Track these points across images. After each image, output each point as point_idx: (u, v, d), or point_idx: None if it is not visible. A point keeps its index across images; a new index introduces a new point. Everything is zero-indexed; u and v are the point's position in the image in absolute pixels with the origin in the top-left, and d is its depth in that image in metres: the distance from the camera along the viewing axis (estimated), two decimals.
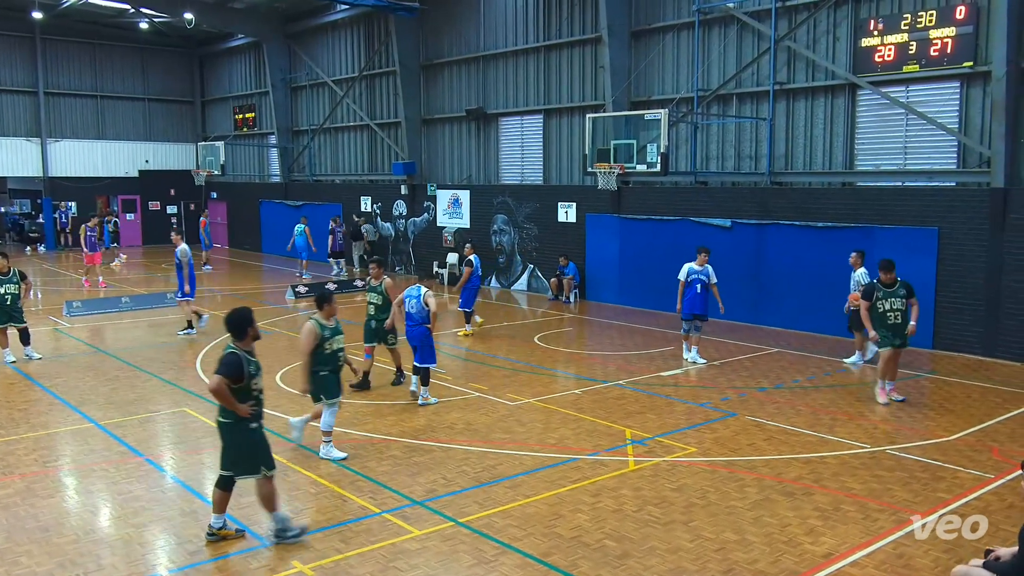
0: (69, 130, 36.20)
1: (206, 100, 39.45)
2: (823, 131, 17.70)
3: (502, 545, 7.30)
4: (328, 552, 7.15)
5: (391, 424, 10.91)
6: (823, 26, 17.49)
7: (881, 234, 16.09)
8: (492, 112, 24.81)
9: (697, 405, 11.92)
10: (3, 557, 7.06)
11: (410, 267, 27.82)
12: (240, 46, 35.93)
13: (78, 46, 36.08)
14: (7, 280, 14.36)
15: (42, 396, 12.40)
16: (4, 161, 34.97)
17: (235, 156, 36.68)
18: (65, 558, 7.06)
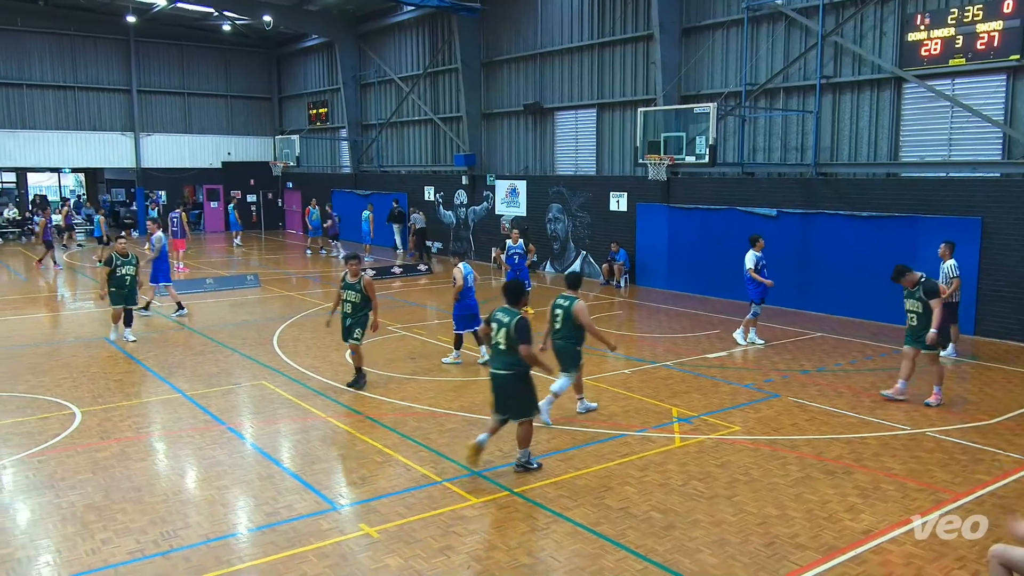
0: (159, 125, 37.08)
1: (283, 97, 40.01)
2: (868, 123, 17.21)
3: (554, 514, 7.32)
4: (392, 516, 7.25)
5: (451, 399, 11.00)
6: (870, 21, 16.97)
7: (925, 223, 15.62)
8: (548, 106, 24.69)
9: (741, 386, 11.76)
10: (102, 513, 7.34)
11: (470, 253, 27.94)
12: (314, 46, 36.32)
13: (167, 47, 36.87)
14: (127, 263, 14.32)
15: (135, 368, 12.79)
16: (102, 154, 36.02)
17: (309, 148, 37.19)
18: (156, 516, 7.30)
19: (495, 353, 8.30)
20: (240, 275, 22.68)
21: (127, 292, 14.29)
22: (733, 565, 6.38)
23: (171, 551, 6.60)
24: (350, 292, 11.27)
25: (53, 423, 9.93)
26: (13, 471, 8.39)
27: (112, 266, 14.14)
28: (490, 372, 8.39)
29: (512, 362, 8.06)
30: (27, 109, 33.78)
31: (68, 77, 34.57)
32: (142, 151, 36.61)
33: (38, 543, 6.79)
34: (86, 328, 16.05)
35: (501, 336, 8.16)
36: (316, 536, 6.89)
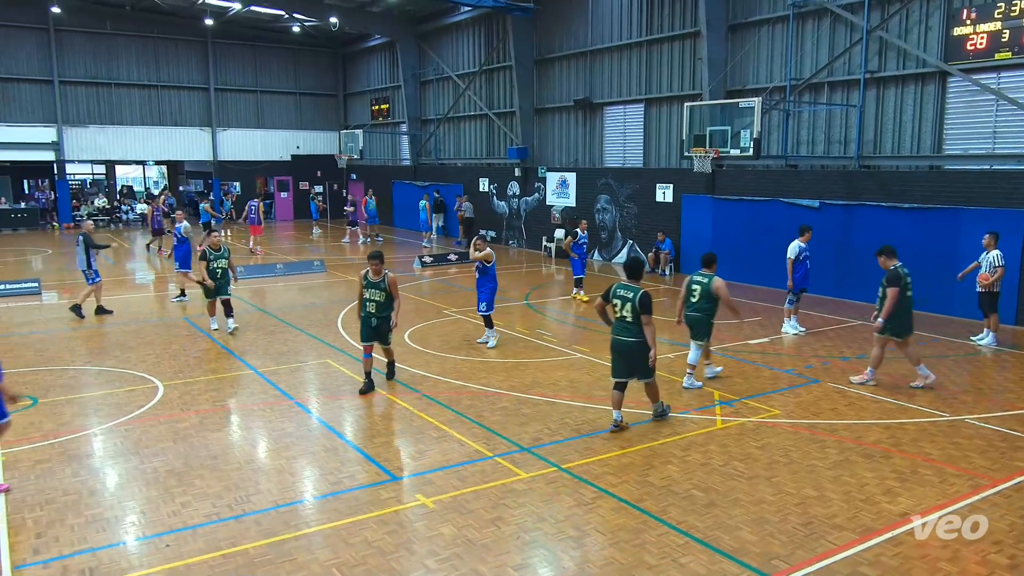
0: (234, 120, 37.82)
1: (347, 94, 40.42)
2: (912, 117, 16.67)
3: (599, 490, 7.31)
4: (447, 488, 7.33)
5: (502, 379, 11.04)
6: (915, 16, 16.40)
7: (968, 215, 15.11)
8: (598, 102, 24.48)
9: (782, 371, 11.57)
10: (182, 479, 7.57)
11: (522, 241, 27.96)
12: (376, 46, 36.58)
13: (241, 48, 37.53)
14: (220, 256, 13.87)
15: (212, 346, 13.12)
16: (182, 147, 36.93)
17: (371, 142, 37.55)
18: (230, 482, 7.50)
19: (621, 325, 8.87)
20: (307, 261, 23.06)
21: (220, 284, 13.90)
22: (771, 543, 6.30)
23: (243, 515, 6.78)
24: (374, 291, 10.31)
25: (138, 395, 10.26)
26: (103, 439, 8.70)
27: (207, 259, 13.80)
28: (615, 340, 8.93)
29: (639, 331, 8.73)
30: (115, 106, 34.78)
31: (152, 77, 35.47)
32: (218, 145, 37.42)
33: (125, 504, 7.04)
34: (168, 309, 16.52)
35: (627, 310, 8.78)
36: (376, 505, 7.00)
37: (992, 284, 12.82)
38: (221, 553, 6.12)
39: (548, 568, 5.97)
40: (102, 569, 5.89)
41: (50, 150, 33.54)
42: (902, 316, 10.47)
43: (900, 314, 10.43)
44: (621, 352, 8.92)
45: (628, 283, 9.04)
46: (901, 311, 10.43)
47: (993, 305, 13.00)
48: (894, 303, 10.29)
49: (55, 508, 6.92)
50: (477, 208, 29.39)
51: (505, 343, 13.19)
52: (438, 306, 16.40)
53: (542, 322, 15.36)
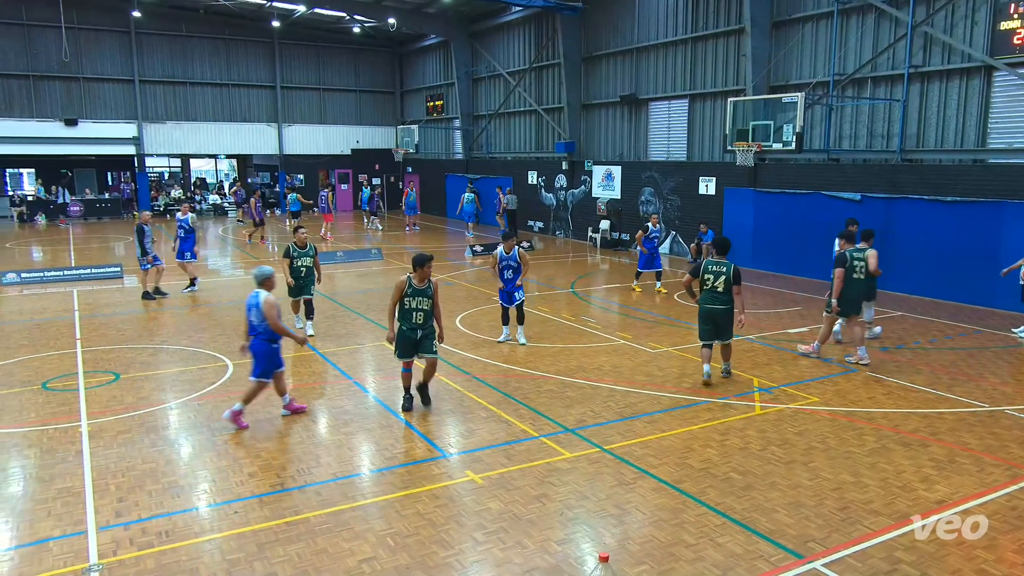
0: (298, 116, 38.38)
1: (404, 91, 40.64)
2: (956, 111, 16.07)
3: (640, 471, 7.28)
4: (495, 466, 7.38)
5: (548, 363, 11.04)
6: (962, 11, 15.78)
7: (1011, 209, 14.54)
8: (643, 97, 24.17)
9: (821, 360, 11.32)
10: (249, 450, 7.77)
11: (568, 232, 27.86)
12: (431, 45, 36.68)
13: (305, 48, 38.01)
14: (304, 254, 12.53)
15: None
16: (250, 142, 37.64)
17: (426, 137, 37.73)
18: (292, 455, 7.68)
19: (712, 295, 9.99)
20: (366, 249, 23.35)
21: (303, 283, 12.54)
22: (808, 526, 6.20)
23: (305, 486, 6.92)
24: (421, 300, 8.71)
25: (210, 373, 10.54)
26: (178, 412, 8.97)
27: (290, 256, 12.50)
28: (707, 309, 10.01)
29: (729, 299, 9.97)
30: (189, 104, 35.60)
31: (223, 75, 36.18)
32: (284, 139, 38.04)
33: (197, 473, 7.26)
34: (239, 292, 16.91)
35: (720, 282, 9.95)
36: (428, 480, 7.08)
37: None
38: (284, 521, 6.27)
39: (590, 544, 5.97)
40: (176, 532, 6.09)
41: (131, 144, 34.53)
42: (847, 296, 10.95)
43: (845, 294, 10.93)
44: (713, 318, 10.03)
45: (718, 259, 10.10)
46: (846, 292, 10.92)
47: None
48: (840, 283, 10.85)
49: (135, 475, 7.17)
50: (526, 201, 29.32)
51: (551, 329, 13.18)
52: (487, 293, 16.46)
53: (587, 309, 15.30)
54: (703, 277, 10.09)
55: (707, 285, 10.05)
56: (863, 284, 11.11)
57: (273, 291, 8.57)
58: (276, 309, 8.41)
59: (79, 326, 13.46)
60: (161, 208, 36.73)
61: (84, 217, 34.25)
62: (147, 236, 15.93)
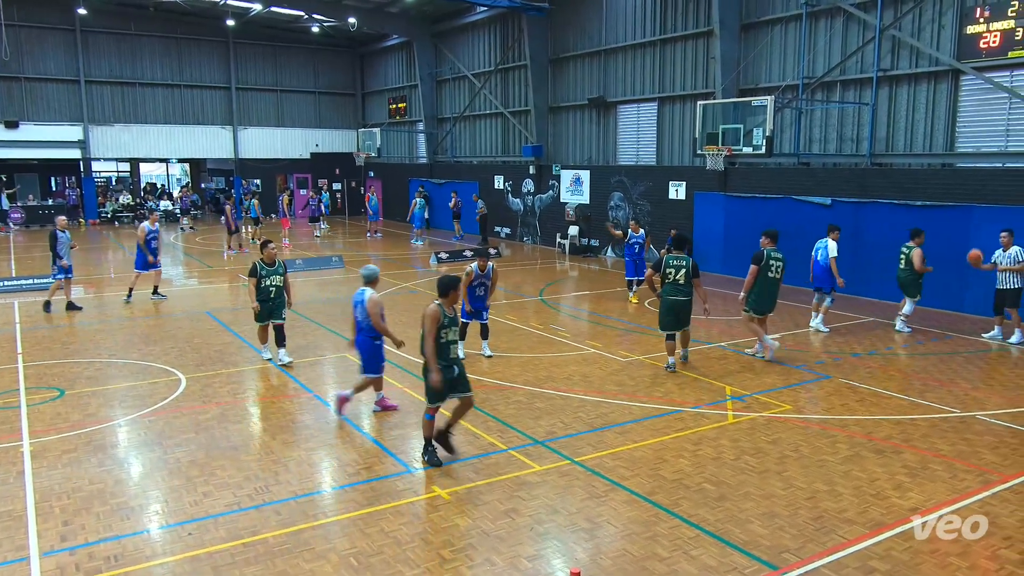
0: (254, 119, 37.99)
1: (365, 92, 40.48)
2: (924, 115, 16.49)
3: (612, 483, 7.31)
4: (462, 480, 7.35)
5: (517, 374, 11.05)
6: (928, 14, 16.21)
7: (980, 213, 14.94)
8: (612, 100, 24.39)
9: (793, 367, 11.49)
10: (203, 469, 7.63)
11: (536, 238, 27.94)
12: (394, 45, 36.61)
13: (262, 48, 37.67)
14: (273, 272, 11.35)
15: (233, 340, 13.21)
16: (204, 145, 37.14)
17: (389, 141, 37.58)
18: (250, 472, 7.56)
19: (674, 287, 11.00)
20: (326, 257, 23.15)
21: (273, 305, 11.38)
22: (782, 536, 6.27)
23: (263, 505, 6.83)
24: (455, 329, 7.71)
25: (162, 387, 10.35)
26: (127, 430, 8.78)
27: (257, 275, 11.26)
28: (671, 300, 11.02)
29: (690, 291, 11.01)
30: (139, 105, 35.03)
31: (175, 76, 35.69)
32: (239, 143, 37.63)
33: (148, 494, 7.11)
34: (191, 302, 16.65)
35: (681, 275, 10.97)
36: (392, 496, 7.03)
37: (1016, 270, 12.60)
38: (242, 542, 6.16)
39: (561, 559, 5.97)
40: (126, 556, 5.96)
41: (76, 148, 33.85)
42: (760, 295, 11.59)
43: (759, 293, 11.57)
44: (675, 309, 11.06)
45: (678, 253, 11.18)
46: (761, 290, 11.56)
47: (1015, 302, 12.78)
48: (751, 279, 11.50)
49: (82, 497, 6.99)
50: (492, 206, 29.32)
51: (519, 338, 13.19)
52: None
53: (556, 317, 15.35)
54: (665, 271, 11.15)
55: (669, 278, 11.10)
56: (777, 284, 11.74)
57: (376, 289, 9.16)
58: (379, 307, 8.96)
59: (20, 340, 13.13)
60: (109, 215, 36.04)
61: (26, 224, 33.44)
62: (60, 242, 15.34)
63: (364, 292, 9.05)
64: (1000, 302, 12.94)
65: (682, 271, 11.02)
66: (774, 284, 11.67)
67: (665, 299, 11.16)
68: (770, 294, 11.69)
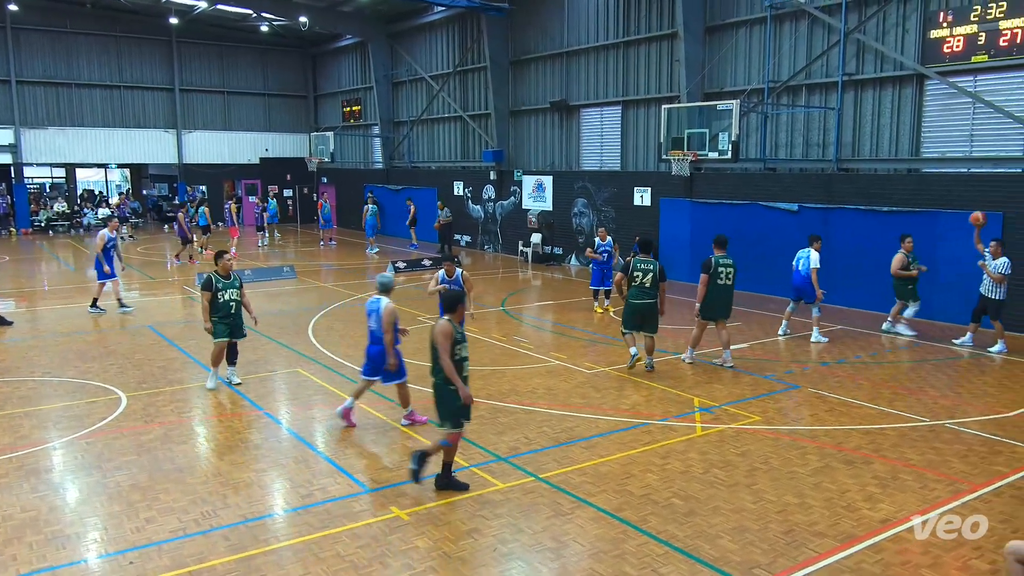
0: (200, 122, 37.48)
1: (318, 95, 40.23)
2: (890, 120, 16.94)
3: (578, 500, 7.33)
4: (422, 500, 7.30)
5: (479, 387, 11.01)
6: (892, 19, 16.68)
7: (945, 219, 15.36)
8: (574, 104, 24.59)
9: (762, 377, 11.67)
10: (146, 493, 7.46)
11: (498, 246, 27.98)
12: (348, 46, 36.47)
13: (208, 48, 37.23)
14: (230, 285, 10.98)
15: (177, 356, 12.97)
16: (146, 150, 36.50)
17: (343, 145, 37.40)
18: (196, 496, 7.41)
19: (641, 291, 11.52)
20: (277, 267, 22.89)
21: (233, 321, 11.01)
22: (752, 551, 6.35)
23: (211, 530, 6.70)
24: (465, 346, 7.54)
25: (100, 407, 10.11)
26: (63, 452, 8.56)
27: (213, 290, 10.84)
28: (636, 303, 11.53)
29: (655, 294, 11.58)
30: (75, 107, 34.31)
31: (114, 76, 35.06)
32: (184, 147, 37.06)
33: (86, 521, 6.93)
34: (132, 316, 16.30)
35: (648, 279, 11.53)
36: (349, 518, 6.96)
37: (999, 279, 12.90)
38: (188, 570, 6.04)
39: None
40: None
41: (7, 152, 32.99)
42: (711, 301, 12.02)
43: (710, 299, 12.01)
44: (640, 311, 11.59)
45: (645, 257, 11.72)
46: (710, 297, 12.00)
47: (995, 312, 13.12)
48: (703, 288, 12.00)
49: (12, 526, 6.79)
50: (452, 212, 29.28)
51: (481, 350, 13.18)
52: (412, 312, 16.35)
53: (519, 328, 15.37)
54: (632, 275, 11.63)
55: (636, 281, 11.61)
56: (728, 290, 12.14)
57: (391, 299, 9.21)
58: (395, 316, 9.09)
59: None
60: (43, 224, 35.20)
61: None
62: None
63: (379, 301, 9.15)
64: (981, 309, 13.27)
65: (650, 275, 11.54)
66: (724, 291, 12.08)
67: (630, 303, 11.68)
68: (721, 301, 12.13)
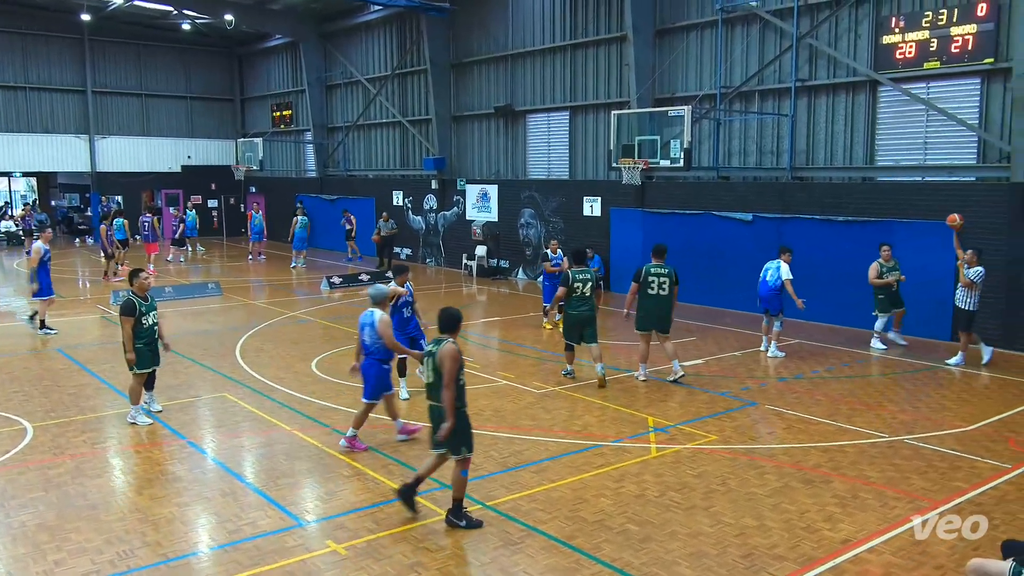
0: (116, 127, 36.66)
1: (245, 98, 39.75)
2: (844, 127, 17.47)
3: (528, 528, 7.32)
4: (361, 532, 7.21)
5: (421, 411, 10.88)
6: (845, 23, 17.24)
7: (901, 228, 15.87)
8: (520, 109, 24.77)
9: (718, 394, 11.86)
10: (54, 533, 7.21)
11: (440, 259, 27.93)
12: (277, 46, 36.14)
13: (124, 46, 36.50)
14: (150, 307, 10.42)
15: (91, 381, 12.60)
16: (54, 157, 35.50)
17: (273, 152, 36.93)
18: (112, 535, 7.19)
19: (581, 300, 12.05)
20: (201, 283, 22.44)
21: (154, 348, 10.57)
22: None
23: (128, 572, 6.51)
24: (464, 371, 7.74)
25: (2, 439, 9.75)
26: None
27: (135, 313, 10.22)
28: (576, 314, 12.11)
29: (593, 303, 12.20)
30: None
31: (18, 77, 34.08)
32: (97, 154, 36.17)
33: None
34: (41, 340, 15.78)
35: (588, 288, 12.07)
36: (281, 554, 6.82)
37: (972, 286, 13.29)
38: None
39: None
40: None
41: None
42: (643, 312, 12.25)
43: (642, 310, 12.26)
44: (582, 322, 12.09)
45: (580, 267, 12.28)
46: (641, 307, 12.24)
47: (964, 324, 13.50)
48: (630, 296, 12.34)
49: None
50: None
51: None
52: (349, 331, 16.18)
53: (463, 347, 15.30)
54: (572, 286, 12.06)
55: (576, 292, 12.07)
56: (662, 300, 12.17)
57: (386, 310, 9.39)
58: (391, 327, 9.27)
59: None
60: None
61: None
62: None
63: (373, 314, 9.26)
64: (956, 322, 13.66)
65: (588, 284, 12.08)
66: (654, 300, 12.13)
67: (571, 314, 12.19)
68: (653, 311, 12.20)
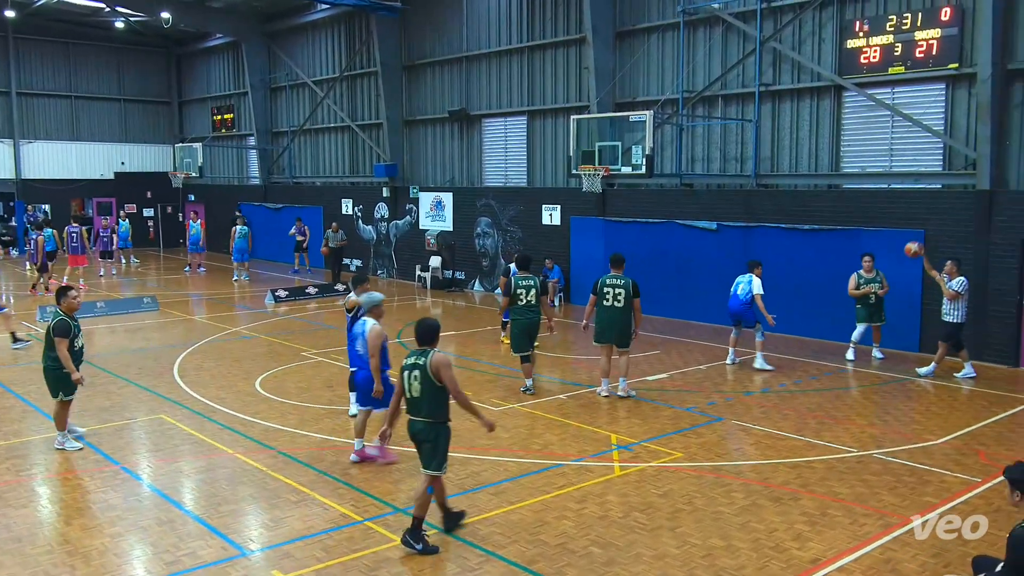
0: (43, 131, 35.93)
1: (183, 101, 39.25)
2: (809, 133, 17.80)
3: (486, 553, 7.29)
4: (309, 561, 7.11)
5: (372, 431, 10.84)
6: (808, 27, 17.60)
7: (867, 236, 16.19)
8: (475, 113, 24.81)
9: (683, 410, 11.95)
10: None
11: (392, 271, 27.80)
12: (218, 46, 35.78)
13: (52, 45, 35.83)
14: (78, 327, 10.23)
15: (15, 403, 12.28)
16: None
17: (213, 158, 36.53)
18: (39, 569, 7.00)
19: (527, 308, 12.62)
20: (136, 298, 22.04)
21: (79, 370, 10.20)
22: None
23: None
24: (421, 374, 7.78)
25: None
26: None
27: (69, 335, 9.93)
28: (524, 321, 12.58)
29: (539, 310, 12.80)
30: None
31: None
32: (22, 160, 35.39)
33: None
34: None
35: (532, 295, 12.65)
36: None
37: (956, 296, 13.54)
38: None
39: None
40: None
41: None
42: (599, 324, 12.40)
43: (597, 322, 12.43)
44: (527, 328, 12.61)
45: (524, 274, 12.81)
46: (598, 319, 12.42)
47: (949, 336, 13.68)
48: (589, 307, 12.55)
49: None
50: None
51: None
52: (295, 347, 16.01)
53: None
54: (515, 293, 12.61)
55: (520, 300, 12.61)
56: (617, 313, 12.17)
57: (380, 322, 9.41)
58: (382, 339, 9.31)
59: None
60: None
61: None
62: None
63: (365, 323, 9.44)
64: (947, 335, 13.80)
65: (532, 291, 12.64)
66: (612, 313, 12.20)
67: (518, 322, 12.67)
68: (608, 324, 12.26)
